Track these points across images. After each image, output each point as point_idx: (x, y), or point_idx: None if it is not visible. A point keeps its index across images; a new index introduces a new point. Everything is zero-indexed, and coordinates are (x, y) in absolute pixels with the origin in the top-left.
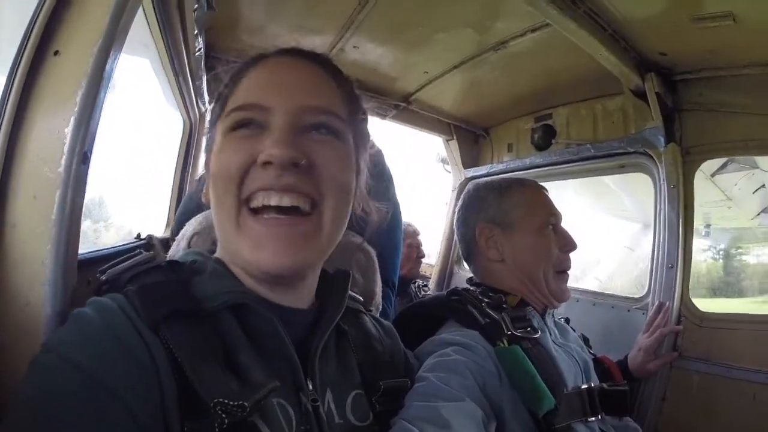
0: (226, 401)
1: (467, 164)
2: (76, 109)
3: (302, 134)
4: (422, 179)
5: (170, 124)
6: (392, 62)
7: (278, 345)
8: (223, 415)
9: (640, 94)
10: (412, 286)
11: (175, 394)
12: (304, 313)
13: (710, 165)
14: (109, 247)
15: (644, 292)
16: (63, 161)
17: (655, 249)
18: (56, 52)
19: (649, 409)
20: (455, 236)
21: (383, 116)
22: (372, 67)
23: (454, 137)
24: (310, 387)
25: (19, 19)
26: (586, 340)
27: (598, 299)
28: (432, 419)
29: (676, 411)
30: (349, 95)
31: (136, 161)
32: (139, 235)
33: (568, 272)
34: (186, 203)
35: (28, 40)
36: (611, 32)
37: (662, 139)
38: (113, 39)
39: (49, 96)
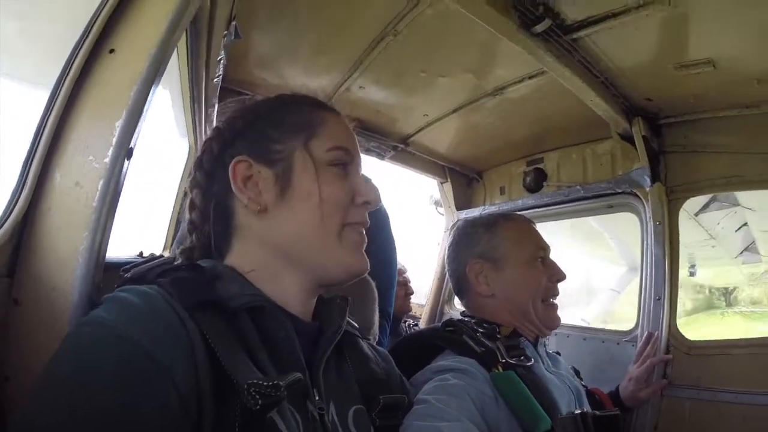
0: (259, 382)
1: (460, 206)
2: (128, 104)
3: None
4: (414, 220)
5: (169, 149)
6: (394, 104)
7: (290, 350)
8: (257, 396)
9: (628, 138)
10: (403, 324)
11: (208, 376)
12: (310, 325)
13: (694, 204)
14: (114, 258)
15: (633, 325)
16: (110, 152)
17: (643, 283)
18: (112, 50)
19: None
20: (446, 276)
21: (382, 157)
22: (375, 108)
23: (448, 180)
24: (316, 396)
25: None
26: (577, 373)
27: (588, 334)
28: None
29: None
30: None
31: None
32: (141, 253)
33: (556, 300)
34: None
35: (86, 37)
36: (602, 80)
37: (648, 179)
38: (168, 43)
39: (101, 90)
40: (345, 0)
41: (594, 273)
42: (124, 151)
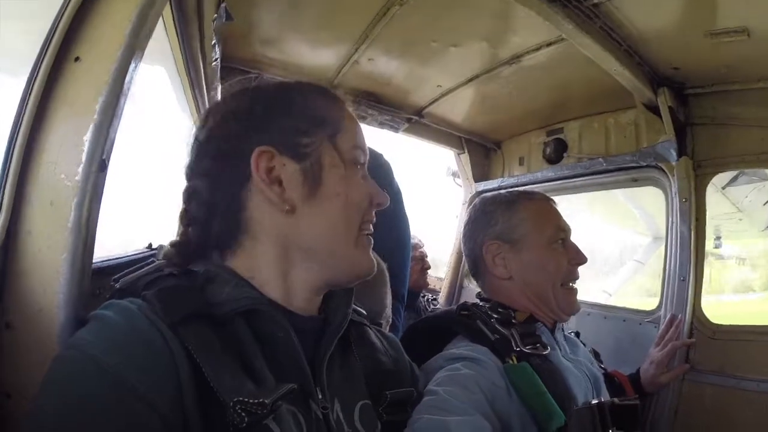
0: (246, 399)
1: (478, 178)
2: (95, 116)
3: None
4: (432, 192)
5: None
6: (406, 76)
7: (290, 351)
8: (243, 414)
9: (653, 108)
10: (421, 299)
11: (194, 394)
12: (315, 320)
13: (721, 178)
14: (122, 255)
15: (656, 305)
16: (81, 168)
17: (667, 262)
18: (77, 59)
19: (662, 423)
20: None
21: (396, 129)
22: (386, 80)
23: (465, 151)
24: (320, 395)
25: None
26: (597, 355)
27: (610, 312)
28: None
29: (689, 424)
30: None
31: (143, 170)
32: (150, 245)
33: (576, 285)
34: None
35: (48, 45)
36: (626, 47)
37: (674, 153)
38: (135, 47)
39: (68, 103)
40: None
41: (617, 243)
42: (96, 164)
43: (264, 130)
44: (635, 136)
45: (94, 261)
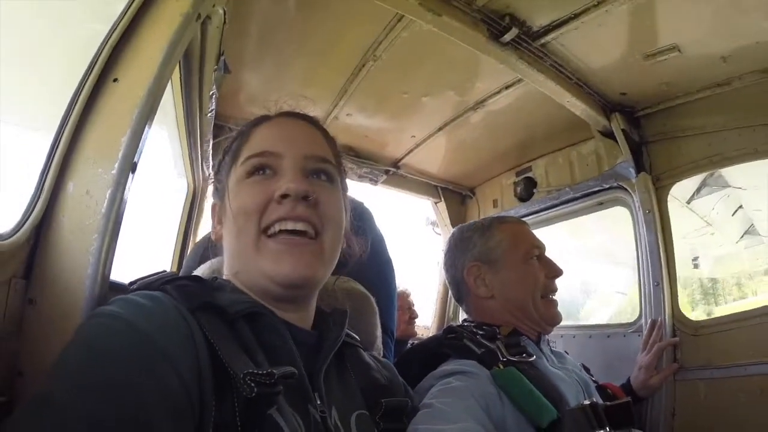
0: (254, 371)
1: (455, 223)
2: (131, 122)
3: (307, 177)
4: (413, 243)
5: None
6: (382, 128)
7: (288, 356)
8: (252, 384)
9: (609, 134)
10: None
11: (209, 370)
12: (309, 335)
13: (684, 192)
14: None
15: (636, 316)
16: (117, 165)
17: (641, 271)
18: (115, 80)
19: (661, 426)
20: (449, 294)
21: (375, 182)
22: (363, 133)
23: (442, 199)
24: (318, 401)
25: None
26: (587, 370)
27: (594, 331)
28: None
29: (688, 423)
30: (334, 149)
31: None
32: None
33: (555, 297)
34: (190, 258)
35: (93, 67)
36: (576, 80)
37: (633, 171)
38: (164, 74)
39: (107, 112)
40: (325, 30)
41: (599, 276)
42: (129, 164)
43: (214, 189)
44: (597, 163)
45: None
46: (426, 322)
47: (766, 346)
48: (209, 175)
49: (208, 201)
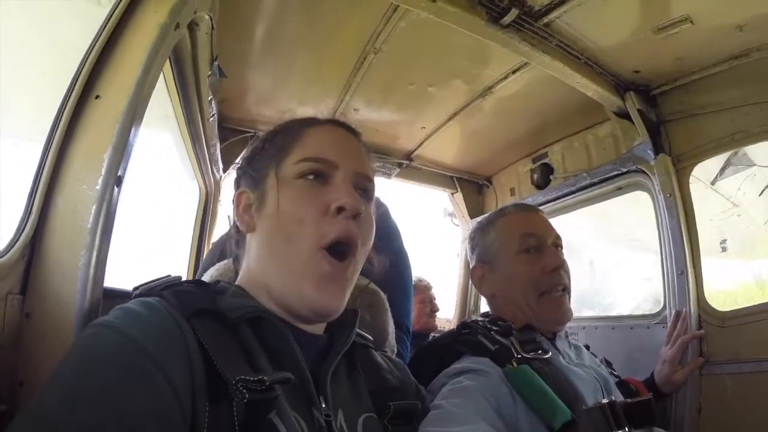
0: (246, 377)
1: (474, 214)
2: (113, 140)
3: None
4: (432, 235)
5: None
6: (390, 121)
7: (291, 360)
8: (244, 391)
9: (624, 115)
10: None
11: (203, 377)
12: (317, 338)
13: (708, 173)
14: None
15: (661, 306)
16: (100, 181)
17: (664, 259)
18: (97, 96)
19: (686, 423)
20: (469, 286)
21: (388, 175)
22: (373, 128)
23: (459, 190)
24: (323, 404)
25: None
26: (609, 364)
27: (617, 322)
28: None
29: (715, 419)
30: (372, 164)
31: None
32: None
33: (558, 293)
34: (207, 259)
35: (74, 85)
36: (585, 60)
37: (651, 153)
38: (144, 86)
39: (91, 130)
40: (323, 26)
41: (625, 263)
42: (113, 179)
43: (244, 175)
44: (614, 146)
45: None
46: (447, 315)
47: None
48: (220, 178)
49: (222, 204)
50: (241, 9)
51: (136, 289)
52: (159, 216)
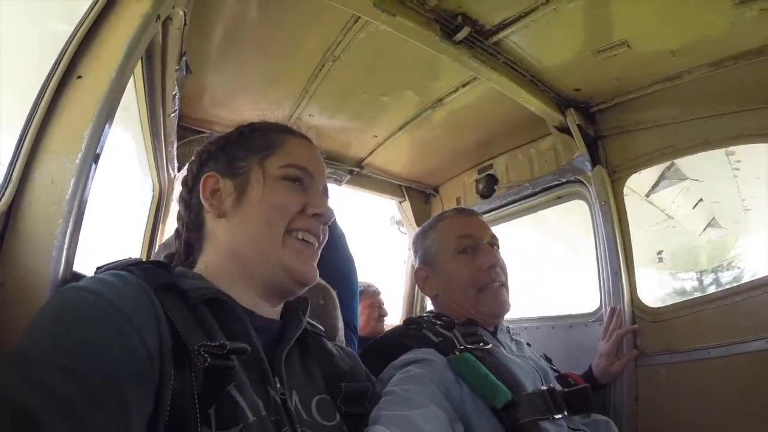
0: (207, 343)
1: (420, 222)
2: (93, 118)
3: None
4: (379, 242)
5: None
6: (344, 128)
7: (246, 339)
8: (206, 355)
9: (565, 129)
10: None
11: (169, 344)
12: (271, 323)
13: (642, 185)
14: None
15: (597, 305)
16: (80, 155)
17: (599, 262)
18: (79, 77)
19: (625, 411)
20: (416, 292)
21: (339, 182)
22: (326, 134)
23: (406, 198)
24: (278, 384)
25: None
26: (549, 360)
27: (556, 322)
28: (404, 425)
29: (652, 406)
30: None
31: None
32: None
33: (495, 286)
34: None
35: (57, 65)
36: (530, 77)
37: (588, 165)
38: (125, 71)
39: (71, 108)
40: (286, 32)
41: (561, 267)
42: (92, 155)
43: (213, 161)
44: (555, 158)
45: None
46: (395, 321)
47: (723, 330)
48: (174, 176)
49: (175, 202)
50: (210, 9)
51: (99, 268)
52: (109, 209)
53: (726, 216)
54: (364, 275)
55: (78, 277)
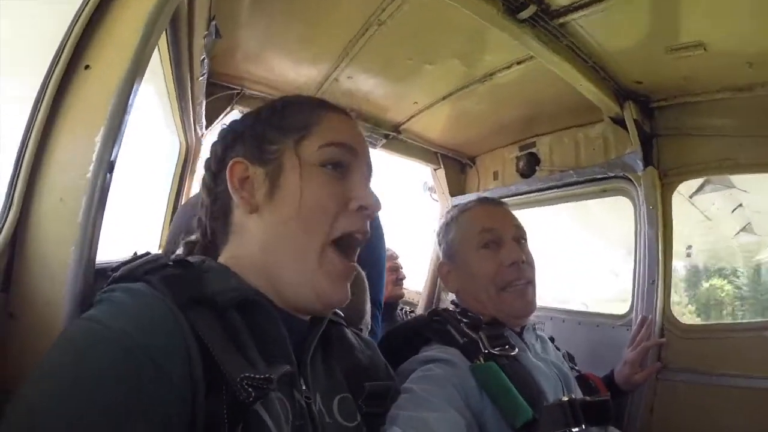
0: (252, 375)
1: (454, 192)
2: (106, 119)
3: None
4: (410, 207)
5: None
6: (384, 93)
7: (281, 347)
8: (249, 389)
9: (619, 121)
10: (399, 312)
11: (201, 370)
12: (302, 324)
13: (689, 187)
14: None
15: (627, 309)
16: (91, 168)
17: (637, 267)
18: (87, 66)
19: (639, 420)
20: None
21: (374, 145)
22: (364, 97)
23: (442, 166)
24: (303, 386)
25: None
26: (571, 358)
27: (584, 318)
28: (420, 428)
29: (665, 421)
30: None
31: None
32: (135, 253)
33: (520, 285)
34: (179, 218)
35: (61, 53)
36: (591, 64)
37: (641, 163)
38: (142, 57)
39: (78, 108)
40: None
41: (595, 256)
42: (105, 165)
43: (241, 143)
44: (604, 148)
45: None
46: (418, 288)
47: (752, 361)
48: (202, 134)
49: (201, 161)
50: None
51: (114, 270)
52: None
53: None
54: (390, 239)
55: (103, 271)
